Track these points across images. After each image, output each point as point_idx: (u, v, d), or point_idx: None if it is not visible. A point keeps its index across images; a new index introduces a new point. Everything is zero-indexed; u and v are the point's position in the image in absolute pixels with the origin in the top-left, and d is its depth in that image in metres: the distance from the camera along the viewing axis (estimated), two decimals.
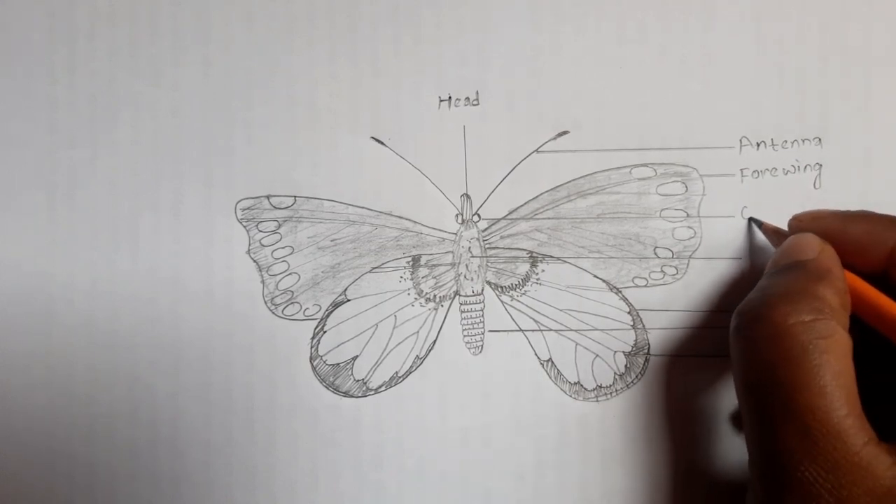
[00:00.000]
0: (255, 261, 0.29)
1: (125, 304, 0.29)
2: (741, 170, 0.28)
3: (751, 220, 0.28)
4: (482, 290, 0.29)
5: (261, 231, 0.29)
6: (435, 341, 0.29)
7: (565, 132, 0.28)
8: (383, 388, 0.29)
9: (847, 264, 0.24)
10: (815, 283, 0.22)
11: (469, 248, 0.29)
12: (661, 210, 0.28)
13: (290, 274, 0.29)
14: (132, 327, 0.29)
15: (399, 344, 0.29)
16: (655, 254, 0.28)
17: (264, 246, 0.29)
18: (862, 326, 0.23)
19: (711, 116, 0.28)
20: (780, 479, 0.21)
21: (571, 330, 0.29)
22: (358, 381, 0.29)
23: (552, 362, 0.28)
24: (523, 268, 0.29)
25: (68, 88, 0.29)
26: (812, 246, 0.24)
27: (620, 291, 0.28)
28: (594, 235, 0.28)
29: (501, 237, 0.29)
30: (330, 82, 0.29)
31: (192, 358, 0.29)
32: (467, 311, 0.29)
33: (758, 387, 0.22)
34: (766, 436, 0.21)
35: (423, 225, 0.29)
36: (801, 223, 0.26)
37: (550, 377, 0.28)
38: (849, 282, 0.23)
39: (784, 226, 0.27)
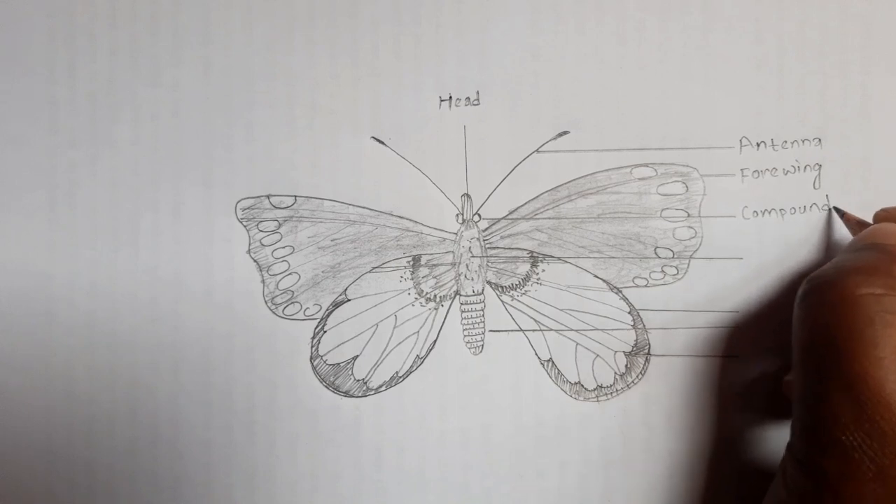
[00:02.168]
0: (255, 260, 0.29)
1: (125, 304, 0.29)
2: (741, 170, 0.28)
3: (834, 209, 0.28)
4: (482, 290, 0.29)
5: (261, 231, 0.29)
6: (435, 341, 0.29)
7: (565, 132, 0.28)
8: (383, 387, 0.29)
9: None
10: (891, 264, 0.22)
11: (469, 247, 0.29)
12: (662, 210, 0.28)
13: (290, 274, 0.29)
14: (132, 327, 0.29)
15: (399, 344, 0.29)
16: (656, 254, 0.28)
17: (264, 246, 0.29)
18: None
19: (711, 116, 0.28)
20: (823, 442, 0.21)
21: (572, 330, 0.29)
22: (358, 380, 0.29)
23: (552, 362, 0.28)
24: (524, 268, 0.29)
25: (68, 88, 0.29)
26: (894, 232, 0.24)
27: (621, 291, 0.28)
28: (594, 235, 0.28)
29: (502, 237, 0.29)
30: (330, 82, 0.29)
31: (193, 358, 0.29)
32: (468, 311, 0.29)
33: (816, 350, 0.22)
34: (816, 398, 0.22)
35: (423, 225, 0.29)
36: (889, 215, 0.26)
37: (551, 377, 0.28)
38: None
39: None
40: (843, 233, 0.28)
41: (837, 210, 0.28)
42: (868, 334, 0.21)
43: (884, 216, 0.26)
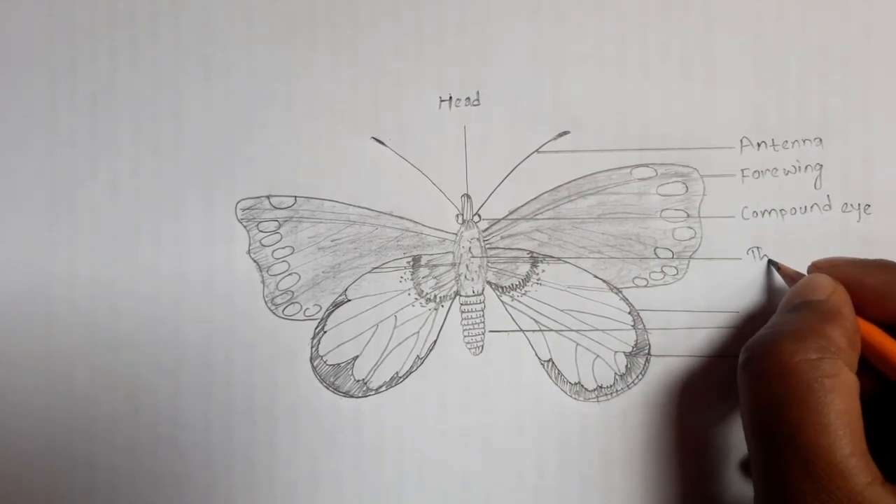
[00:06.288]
0: (255, 261, 0.29)
1: (126, 305, 0.29)
2: (742, 170, 0.28)
3: (769, 261, 0.28)
4: (482, 291, 0.29)
5: (261, 231, 0.29)
6: (435, 341, 0.29)
7: (565, 132, 0.28)
8: (384, 388, 0.29)
9: (864, 313, 0.24)
10: (824, 323, 0.22)
11: (469, 248, 0.29)
12: (662, 210, 0.28)
13: (290, 274, 0.29)
14: (133, 327, 0.29)
15: (399, 344, 0.29)
16: (656, 254, 0.28)
17: (265, 246, 0.29)
18: (877, 371, 0.24)
19: (712, 116, 0.28)
20: None
21: (572, 330, 0.29)
22: (358, 381, 0.29)
23: (553, 362, 0.28)
24: (524, 268, 0.29)
25: (68, 88, 0.29)
26: (824, 286, 0.24)
27: (621, 292, 0.28)
28: (594, 236, 0.28)
29: (502, 237, 0.29)
30: (330, 82, 0.29)
31: (193, 358, 0.29)
32: (468, 312, 0.29)
33: (763, 423, 0.22)
34: (770, 472, 0.21)
35: (423, 225, 0.29)
36: (820, 268, 0.26)
37: (551, 377, 0.28)
38: (861, 327, 0.23)
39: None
40: (843, 240, 0.28)
41: (773, 263, 0.28)
42: (810, 402, 0.21)
43: (815, 271, 0.26)
